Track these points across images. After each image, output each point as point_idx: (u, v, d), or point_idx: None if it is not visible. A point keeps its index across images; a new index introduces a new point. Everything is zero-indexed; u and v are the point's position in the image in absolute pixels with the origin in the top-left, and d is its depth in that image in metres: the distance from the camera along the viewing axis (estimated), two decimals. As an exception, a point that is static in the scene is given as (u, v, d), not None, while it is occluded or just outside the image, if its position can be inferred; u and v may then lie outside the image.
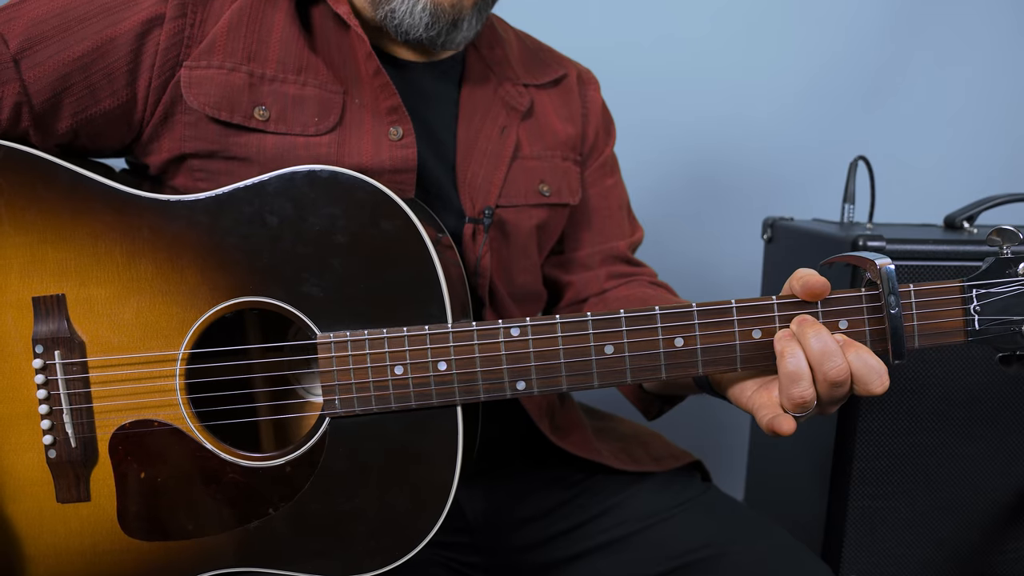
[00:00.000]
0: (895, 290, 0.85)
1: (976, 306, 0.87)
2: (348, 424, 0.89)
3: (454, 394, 0.88)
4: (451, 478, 0.89)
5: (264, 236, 0.88)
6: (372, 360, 0.88)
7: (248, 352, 0.93)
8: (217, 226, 0.88)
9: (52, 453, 0.89)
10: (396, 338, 0.87)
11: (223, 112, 0.95)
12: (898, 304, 0.85)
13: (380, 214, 0.87)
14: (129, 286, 0.89)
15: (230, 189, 0.88)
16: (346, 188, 0.87)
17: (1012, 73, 2.04)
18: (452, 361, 0.87)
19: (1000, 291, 0.87)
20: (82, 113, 0.94)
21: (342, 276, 0.88)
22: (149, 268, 0.89)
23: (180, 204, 0.89)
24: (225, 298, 0.89)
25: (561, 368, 0.88)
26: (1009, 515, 1.41)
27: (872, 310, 0.87)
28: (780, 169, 2.03)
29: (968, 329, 0.87)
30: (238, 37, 0.96)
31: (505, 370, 0.88)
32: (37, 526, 0.90)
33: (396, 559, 0.89)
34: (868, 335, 0.87)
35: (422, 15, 0.99)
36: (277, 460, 0.90)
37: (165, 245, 0.89)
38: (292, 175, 0.88)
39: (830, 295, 0.86)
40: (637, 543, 1.05)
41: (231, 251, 0.88)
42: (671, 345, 0.87)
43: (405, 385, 0.88)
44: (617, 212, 1.23)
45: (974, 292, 0.87)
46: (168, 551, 0.90)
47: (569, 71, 1.22)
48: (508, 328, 0.87)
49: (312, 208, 0.87)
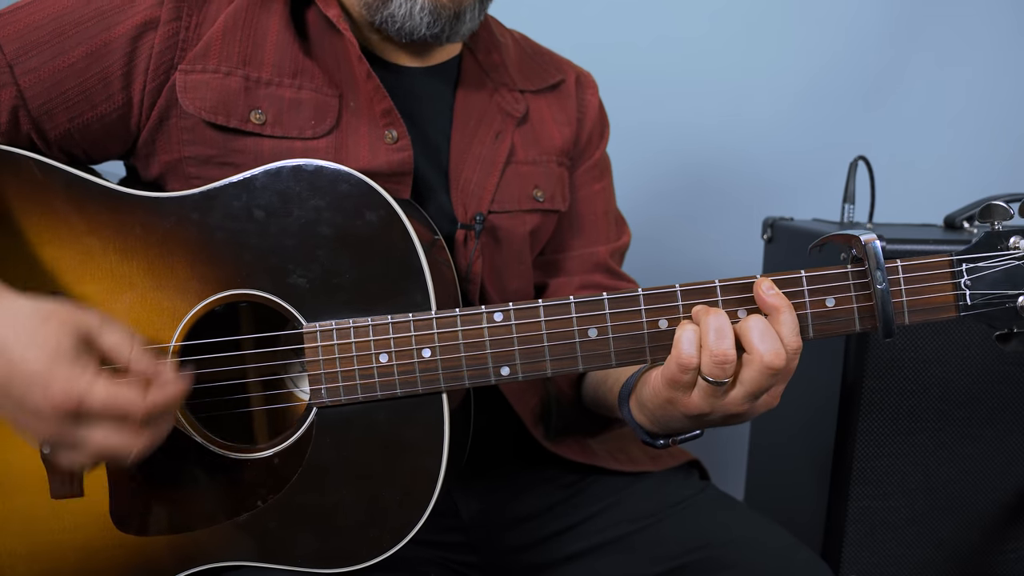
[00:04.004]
0: (881, 265, 0.84)
1: (967, 280, 0.86)
2: (335, 415, 0.89)
3: (439, 381, 0.88)
4: (438, 467, 0.88)
5: (252, 230, 0.89)
6: (357, 348, 0.88)
7: (238, 345, 0.94)
8: (206, 221, 0.90)
9: (46, 449, 0.90)
10: (381, 326, 0.88)
11: (219, 116, 0.96)
12: (885, 279, 0.84)
13: (364, 205, 0.89)
14: (122, 282, 0.91)
15: (220, 185, 0.90)
16: (330, 180, 0.89)
17: (1012, 73, 2.04)
18: (436, 348, 0.87)
19: (991, 265, 0.86)
20: (79, 118, 0.95)
21: (327, 267, 0.89)
22: (141, 264, 0.91)
23: (171, 200, 0.91)
24: (214, 292, 0.90)
25: (545, 352, 0.87)
26: (1009, 515, 1.40)
27: (859, 287, 0.86)
28: (780, 169, 2.03)
29: (959, 304, 0.86)
30: (233, 41, 0.97)
31: (489, 355, 0.87)
32: (31, 522, 0.91)
33: (386, 550, 0.88)
34: (856, 312, 0.86)
35: (422, 15, 1.00)
36: (265, 452, 0.90)
37: (157, 241, 0.91)
38: (279, 169, 0.89)
39: (816, 272, 0.86)
40: (635, 542, 1.03)
41: (220, 245, 0.90)
42: (655, 327, 0.87)
43: (390, 373, 0.88)
44: (602, 217, 1.21)
45: (964, 266, 0.86)
46: (160, 546, 0.91)
47: (567, 76, 1.21)
48: (491, 313, 0.87)
49: (297, 201, 0.89)
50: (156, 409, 0.78)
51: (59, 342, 0.75)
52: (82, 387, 0.74)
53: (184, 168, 0.97)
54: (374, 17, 1.02)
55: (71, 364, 0.75)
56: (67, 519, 0.91)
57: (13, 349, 0.75)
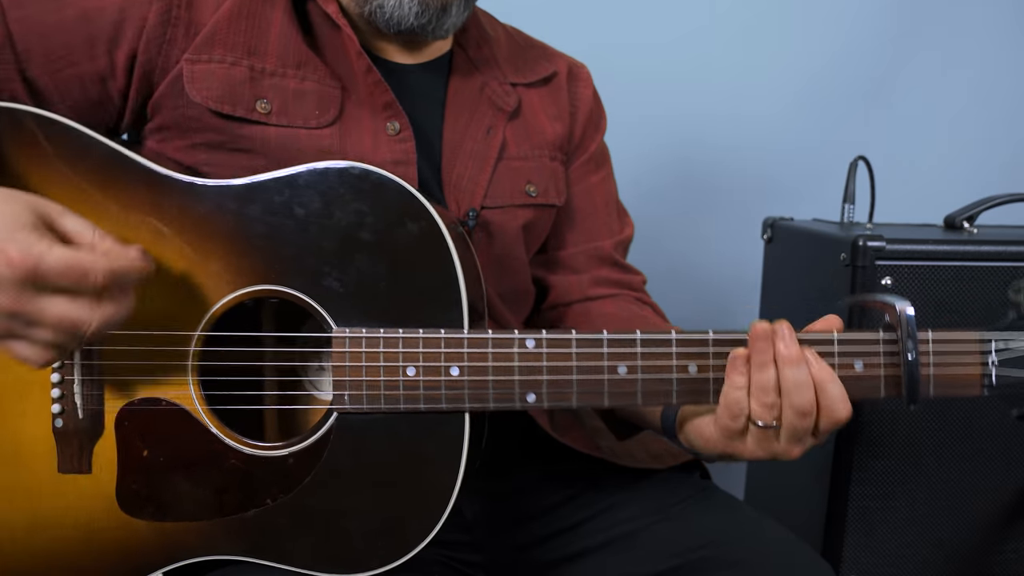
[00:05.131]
0: (914, 335, 0.85)
1: (994, 359, 0.87)
2: (355, 421, 0.89)
3: (463, 400, 0.88)
4: (453, 483, 0.88)
5: (290, 227, 0.88)
6: (385, 359, 0.88)
7: (262, 341, 0.93)
8: (244, 213, 0.89)
9: (59, 422, 0.90)
10: (411, 339, 0.87)
11: (225, 105, 0.98)
12: (915, 350, 0.85)
13: (407, 214, 0.88)
14: (153, 263, 0.89)
15: (263, 178, 0.89)
16: (375, 186, 0.88)
17: (1012, 73, 2.03)
18: (465, 368, 0.87)
19: (1020, 346, 0.87)
20: (59, 73, 0.96)
21: (364, 273, 0.88)
22: (175, 247, 0.89)
23: (210, 188, 0.90)
24: (246, 285, 0.89)
25: (573, 384, 0.87)
26: (1009, 515, 1.41)
27: (888, 354, 0.86)
28: (780, 169, 2.02)
29: (985, 384, 0.87)
30: (238, 31, 0.99)
31: (516, 381, 0.87)
32: (36, 495, 0.90)
33: (393, 560, 0.88)
34: (883, 379, 0.87)
35: (411, 5, 1.01)
36: (280, 451, 0.89)
37: (192, 226, 0.89)
38: (325, 170, 0.88)
39: (846, 335, 0.86)
40: (637, 541, 1.03)
41: (256, 239, 0.89)
42: (684, 371, 0.87)
43: (416, 387, 0.88)
44: (603, 209, 1.22)
45: (993, 345, 0.87)
46: (163, 532, 0.90)
47: (559, 67, 1.22)
48: (523, 339, 0.87)
49: (340, 203, 0.88)
50: (116, 273, 0.76)
51: (18, 215, 0.74)
52: (40, 249, 0.73)
53: (196, 154, 0.99)
54: (363, 8, 1.04)
55: (29, 232, 0.74)
56: (72, 496, 0.90)
57: None
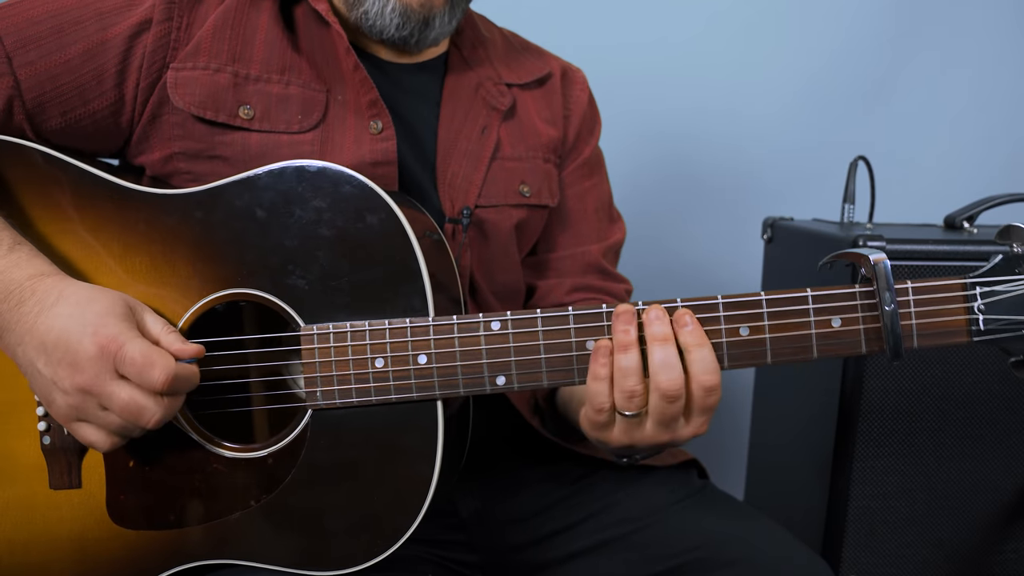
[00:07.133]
0: (890, 286, 0.81)
1: (980, 304, 0.83)
2: (330, 417, 0.89)
3: (434, 388, 0.87)
4: (431, 473, 0.87)
5: (253, 229, 0.89)
6: (353, 352, 0.88)
7: (238, 344, 0.94)
8: (209, 219, 0.90)
9: (47, 440, 0.92)
10: (377, 331, 0.87)
11: (208, 111, 0.98)
12: (893, 300, 0.81)
13: (365, 208, 0.88)
14: (124, 278, 0.91)
15: (224, 183, 0.90)
16: (333, 182, 0.88)
17: (1013, 73, 2.00)
18: (432, 355, 0.87)
19: (1007, 289, 0.83)
20: (71, 113, 0.97)
21: (327, 269, 0.88)
22: (144, 260, 0.91)
23: (176, 198, 0.92)
24: (214, 291, 0.90)
25: (542, 363, 0.86)
26: (1009, 515, 1.39)
27: (867, 307, 0.83)
28: (780, 169, 2.00)
29: (972, 329, 0.83)
30: (223, 39, 0.99)
31: (485, 364, 0.86)
32: (30, 511, 0.92)
33: (376, 555, 0.88)
34: (863, 333, 0.83)
35: (392, 16, 1.02)
36: (259, 452, 0.90)
37: (160, 238, 0.91)
38: (282, 169, 0.89)
39: (820, 291, 0.83)
40: (634, 541, 1.01)
41: (221, 244, 0.90)
42: (653, 342, 0.85)
43: (385, 378, 0.87)
44: (593, 215, 1.21)
45: (978, 290, 0.83)
46: (154, 540, 0.91)
47: (554, 70, 1.21)
48: (489, 322, 0.86)
49: (300, 201, 0.88)
50: (180, 377, 0.84)
51: (114, 303, 0.85)
52: (127, 337, 0.82)
53: (175, 163, 0.99)
54: (351, 13, 1.04)
55: (120, 320, 0.84)
56: (65, 510, 0.92)
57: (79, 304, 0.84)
